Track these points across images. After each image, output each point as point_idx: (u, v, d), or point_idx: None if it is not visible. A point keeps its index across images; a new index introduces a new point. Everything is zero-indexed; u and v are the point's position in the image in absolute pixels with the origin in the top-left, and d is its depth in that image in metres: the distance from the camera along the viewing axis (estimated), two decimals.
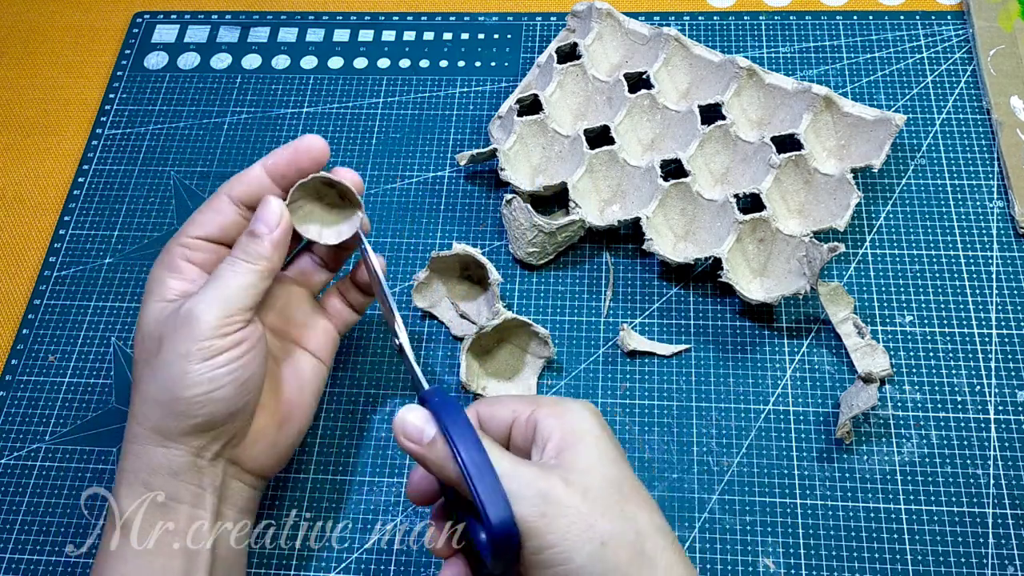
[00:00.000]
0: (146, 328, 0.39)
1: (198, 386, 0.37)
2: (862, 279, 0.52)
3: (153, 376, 0.38)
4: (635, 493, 0.34)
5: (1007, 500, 0.45)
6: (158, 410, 0.38)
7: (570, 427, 0.35)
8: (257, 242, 0.40)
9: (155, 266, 0.41)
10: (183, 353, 0.37)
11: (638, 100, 0.55)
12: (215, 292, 0.38)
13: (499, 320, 0.48)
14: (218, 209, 0.41)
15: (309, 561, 0.46)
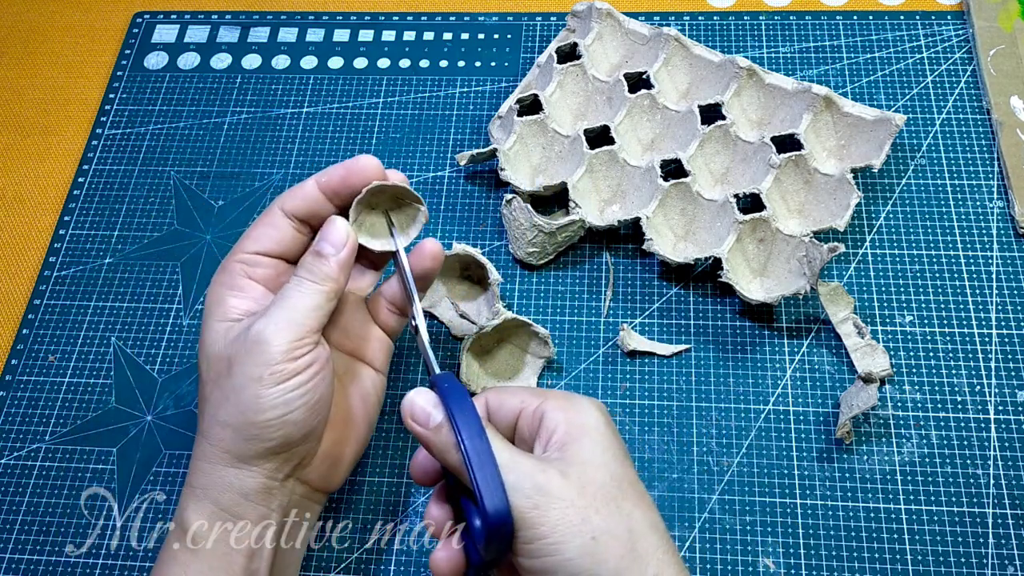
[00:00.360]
0: (212, 348, 0.39)
1: (272, 410, 0.37)
2: (862, 279, 0.52)
3: (225, 399, 0.37)
4: (633, 491, 0.35)
5: (1007, 500, 0.45)
6: (231, 433, 0.37)
7: (576, 422, 0.35)
8: (324, 262, 0.39)
9: (213, 284, 0.40)
10: (255, 377, 0.37)
11: (638, 100, 0.55)
12: (284, 314, 0.38)
13: (499, 320, 0.48)
14: (273, 224, 0.41)
15: (309, 561, 0.46)
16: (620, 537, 0.33)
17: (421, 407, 0.36)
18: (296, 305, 0.38)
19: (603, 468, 0.34)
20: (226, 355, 0.38)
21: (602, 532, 0.33)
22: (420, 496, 0.47)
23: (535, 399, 0.37)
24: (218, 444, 0.38)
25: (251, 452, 0.38)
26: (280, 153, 0.60)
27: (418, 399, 0.36)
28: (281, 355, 0.37)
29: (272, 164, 0.59)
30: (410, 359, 0.52)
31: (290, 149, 0.60)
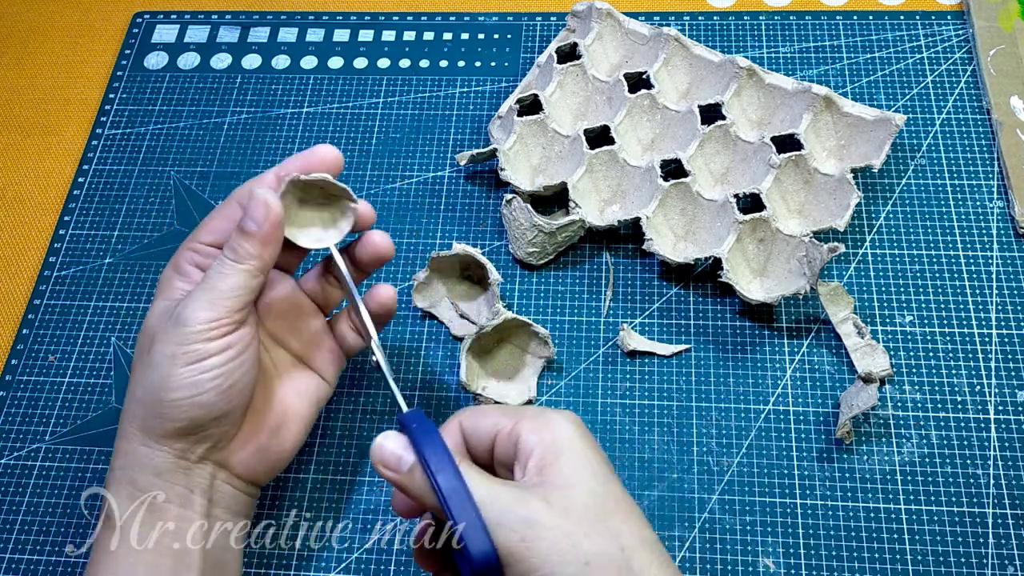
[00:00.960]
0: (145, 326, 0.39)
1: (180, 390, 0.37)
2: (862, 279, 0.52)
3: (143, 375, 0.38)
4: (620, 506, 0.34)
5: (1007, 500, 0.45)
6: (142, 410, 0.38)
7: (551, 441, 0.34)
8: (247, 239, 0.38)
9: (167, 267, 0.41)
10: (169, 355, 0.37)
11: (638, 100, 0.55)
12: (203, 294, 0.38)
13: (499, 320, 0.48)
14: (229, 216, 0.40)
15: (309, 561, 0.46)
16: (613, 558, 0.32)
17: (391, 451, 0.35)
18: (216, 285, 0.38)
19: (585, 487, 0.33)
20: (151, 332, 0.38)
21: (594, 556, 0.32)
22: None
23: (508, 420, 0.35)
24: (132, 422, 0.38)
25: (160, 430, 0.38)
26: (280, 153, 0.60)
27: (387, 443, 0.35)
28: (195, 335, 0.37)
29: (272, 164, 0.59)
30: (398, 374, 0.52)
31: (290, 149, 0.60)
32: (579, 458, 0.34)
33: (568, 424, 0.35)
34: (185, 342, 0.37)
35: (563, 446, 0.34)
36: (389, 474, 0.35)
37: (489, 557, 0.32)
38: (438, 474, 0.33)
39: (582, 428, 0.36)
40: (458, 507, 0.32)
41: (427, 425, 0.35)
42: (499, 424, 0.36)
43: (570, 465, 0.34)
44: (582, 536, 0.32)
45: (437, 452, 0.34)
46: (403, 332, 0.52)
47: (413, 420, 0.35)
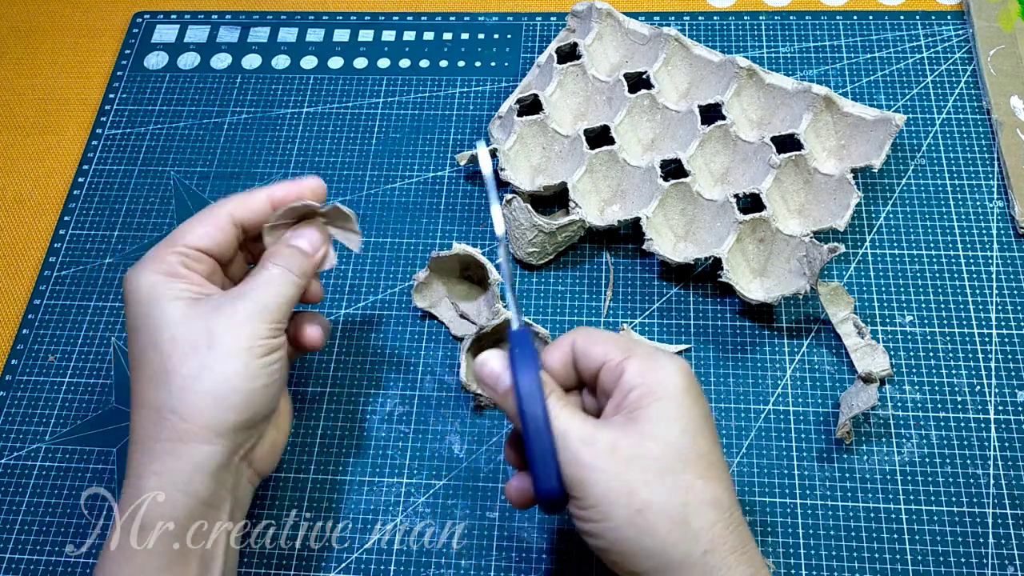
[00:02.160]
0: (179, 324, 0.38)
1: (258, 379, 0.38)
2: (862, 279, 0.52)
3: (205, 368, 0.37)
4: (699, 463, 0.34)
5: (1007, 500, 0.45)
6: (211, 402, 0.37)
7: (652, 386, 0.35)
8: (307, 259, 0.41)
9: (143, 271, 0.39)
10: (246, 347, 0.38)
11: (638, 100, 0.55)
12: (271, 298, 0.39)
13: (499, 320, 0.48)
14: (219, 226, 0.41)
15: (309, 561, 0.46)
16: (670, 512, 0.33)
17: (491, 370, 0.37)
18: (278, 290, 0.40)
19: (668, 438, 0.34)
20: (204, 327, 0.38)
21: (648, 506, 0.33)
22: (420, 496, 0.47)
23: (619, 353, 0.36)
24: (194, 418, 0.37)
25: (231, 423, 0.38)
26: (280, 153, 0.60)
27: (490, 362, 0.37)
28: (268, 330, 0.39)
29: (272, 164, 0.59)
30: (398, 374, 0.52)
31: (290, 149, 0.60)
32: (673, 408, 0.35)
33: (675, 372, 0.36)
34: (260, 335, 0.38)
35: (663, 393, 0.35)
36: (487, 391, 0.38)
37: (553, 493, 0.34)
38: (524, 403, 0.35)
39: (689, 379, 0.36)
40: (535, 443, 0.34)
41: (528, 350, 0.36)
42: (609, 354, 0.37)
43: (661, 413, 0.35)
44: (641, 484, 0.33)
45: (529, 381, 0.35)
46: (403, 332, 0.52)
47: (516, 343, 0.37)
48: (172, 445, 0.37)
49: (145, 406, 0.38)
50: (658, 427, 0.34)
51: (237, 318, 0.38)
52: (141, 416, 0.38)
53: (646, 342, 0.37)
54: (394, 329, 0.52)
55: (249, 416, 0.38)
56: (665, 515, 0.33)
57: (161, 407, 0.37)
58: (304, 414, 0.50)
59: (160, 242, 0.40)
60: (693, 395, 0.36)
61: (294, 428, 0.50)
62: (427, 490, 0.48)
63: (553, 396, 0.36)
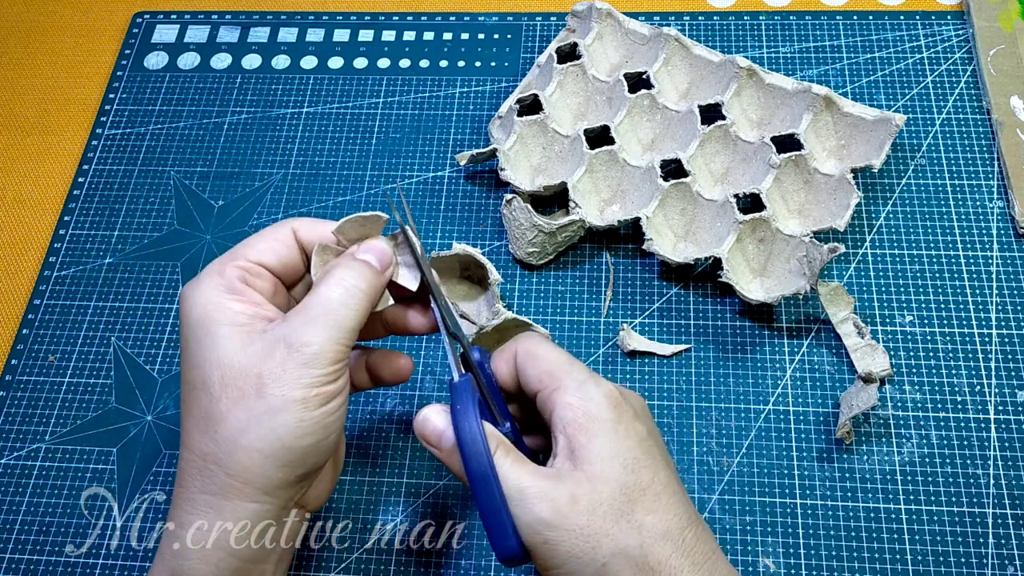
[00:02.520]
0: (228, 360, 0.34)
1: (312, 435, 0.34)
2: (862, 279, 0.52)
3: (254, 421, 0.33)
4: (644, 498, 0.34)
5: (1007, 500, 0.45)
6: (260, 460, 0.33)
7: (582, 421, 0.34)
8: (375, 275, 0.36)
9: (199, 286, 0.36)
10: (298, 399, 0.33)
11: (638, 100, 0.55)
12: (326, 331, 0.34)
13: (499, 320, 0.48)
14: (285, 242, 0.37)
15: (309, 561, 0.46)
16: (631, 557, 0.32)
17: (433, 427, 0.35)
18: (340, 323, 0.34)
19: (611, 479, 0.33)
20: (254, 371, 0.34)
21: (612, 556, 0.32)
22: (420, 496, 0.47)
23: (551, 382, 0.35)
24: (240, 475, 0.34)
25: (280, 480, 0.34)
26: (280, 153, 0.60)
27: (431, 417, 0.35)
28: (325, 377, 0.34)
29: (272, 164, 0.59)
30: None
31: (290, 149, 0.60)
32: (609, 444, 0.34)
33: (605, 403, 0.35)
34: (315, 384, 0.34)
35: (594, 428, 0.34)
36: (430, 449, 0.35)
37: (513, 553, 0.33)
38: (471, 463, 0.33)
39: (619, 407, 0.35)
40: (487, 505, 0.33)
41: (469, 404, 0.34)
42: (542, 382, 0.36)
43: (601, 451, 0.34)
44: (603, 535, 0.32)
45: (473, 438, 0.34)
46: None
47: (457, 397, 0.35)
48: (215, 500, 0.34)
49: (190, 449, 0.35)
50: (603, 467, 0.33)
51: (289, 362, 0.33)
52: (186, 460, 0.35)
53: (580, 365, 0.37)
54: None
55: (302, 473, 0.35)
56: (627, 561, 0.32)
57: (206, 456, 0.34)
58: None
59: (220, 256, 0.37)
60: (625, 422, 0.35)
61: None
62: (427, 490, 0.48)
63: (500, 451, 0.34)
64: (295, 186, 0.58)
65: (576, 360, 0.37)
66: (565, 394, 0.35)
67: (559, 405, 0.35)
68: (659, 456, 0.35)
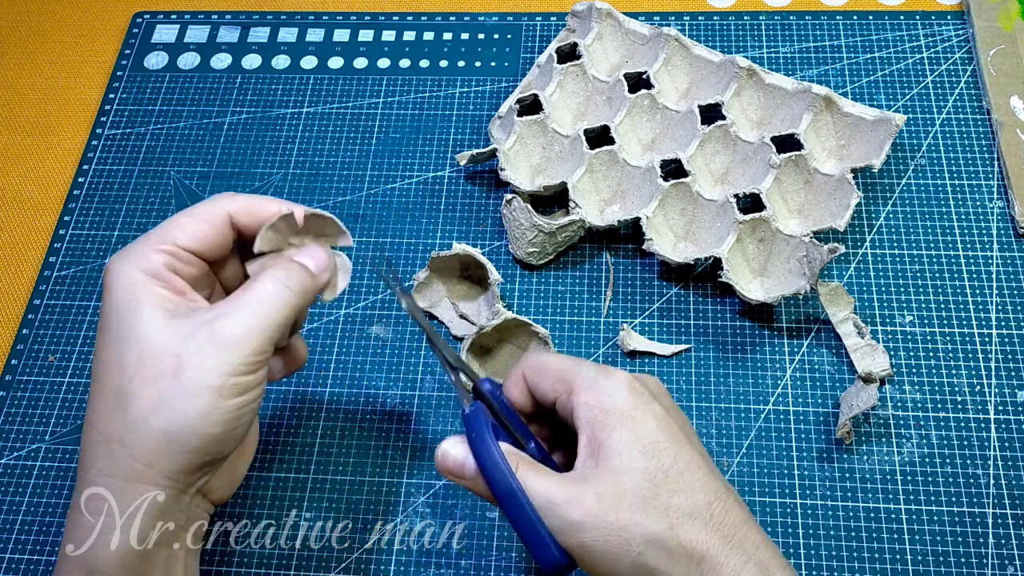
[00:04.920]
0: (149, 340, 0.33)
1: (224, 424, 0.34)
2: (862, 279, 0.52)
3: (166, 403, 0.33)
4: (667, 480, 0.34)
5: (1007, 500, 0.45)
6: (166, 442, 0.33)
7: (600, 416, 0.34)
8: (309, 278, 0.37)
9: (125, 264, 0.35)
10: (215, 386, 0.33)
11: (638, 100, 0.55)
12: (254, 320, 0.34)
13: (499, 320, 0.48)
14: (217, 226, 0.37)
15: (309, 561, 0.46)
16: (662, 541, 0.33)
17: (453, 459, 0.36)
18: (270, 314, 0.35)
19: (633, 469, 0.33)
20: (173, 351, 0.33)
21: (645, 545, 0.33)
22: (420, 496, 0.47)
23: (564, 387, 0.36)
24: (143, 456, 0.33)
25: (183, 466, 0.34)
26: (280, 153, 0.60)
27: (450, 451, 0.36)
28: (245, 366, 0.34)
29: (272, 164, 0.59)
30: (398, 374, 0.52)
31: (290, 149, 0.60)
32: (628, 433, 0.34)
33: (620, 392, 0.35)
34: (234, 372, 0.33)
35: (612, 420, 0.34)
36: (455, 480, 0.36)
37: (555, 560, 0.33)
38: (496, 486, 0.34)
39: (635, 393, 0.35)
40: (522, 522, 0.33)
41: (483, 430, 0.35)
42: (556, 389, 0.36)
43: (619, 442, 0.34)
44: (634, 525, 0.33)
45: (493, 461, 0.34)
46: (403, 332, 0.52)
47: (471, 426, 0.36)
48: (116, 483, 0.34)
49: (95, 428, 0.34)
50: (623, 459, 0.34)
51: (212, 346, 0.33)
52: (90, 440, 0.34)
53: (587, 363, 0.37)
54: (394, 329, 0.52)
55: (206, 460, 0.35)
56: (660, 547, 0.33)
57: (111, 436, 0.33)
58: (304, 414, 0.50)
59: (148, 233, 0.37)
60: (641, 407, 0.35)
61: (295, 428, 0.50)
62: (427, 490, 0.48)
63: (522, 466, 0.34)
64: (295, 186, 0.58)
65: (583, 360, 0.37)
66: (579, 394, 0.35)
67: (576, 406, 0.35)
68: (680, 434, 0.35)
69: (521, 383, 0.37)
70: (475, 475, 0.35)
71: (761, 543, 0.34)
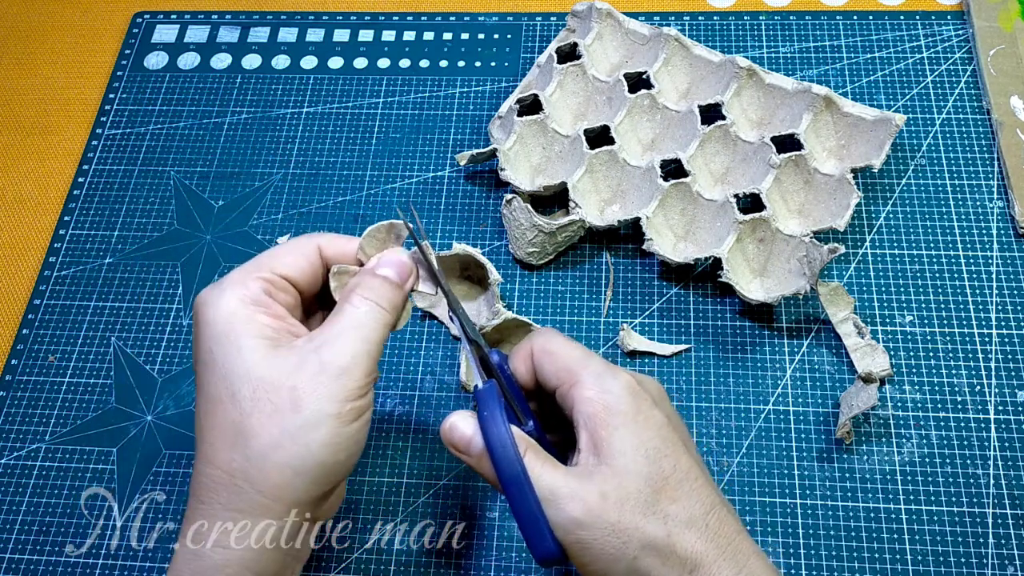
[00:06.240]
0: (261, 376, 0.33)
1: (345, 450, 0.34)
2: (862, 279, 0.52)
3: (292, 437, 0.33)
4: (667, 487, 0.34)
5: (1007, 500, 0.45)
6: (290, 476, 0.33)
7: (603, 414, 0.34)
8: (395, 290, 0.37)
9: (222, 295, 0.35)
10: (335, 413, 0.33)
11: (638, 100, 0.55)
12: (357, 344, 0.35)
13: (499, 320, 0.48)
14: (310, 257, 0.37)
15: (309, 561, 0.46)
16: (660, 548, 0.33)
17: (460, 434, 0.35)
18: (368, 336, 0.35)
19: (636, 472, 0.33)
20: (287, 384, 0.33)
21: (641, 549, 0.33)
22: (420, 496, 0.47)
23: (569, 377, 0.36)
24: (270, 491, 0.33)
25: (308, 496, 0.34)
26: (280, 153, 0.60)
27: (459, 425, 0.35)
28: (358, 390, 0.34)
29: (272, 164, 0.59)
30: (398, 374, 0.52)
31: (290, 149, 0.60)
32: (631, 435, 0.34)
33: (623, 394, 0.35)
34: (349, 398, 0.34)
35: (615, 421, 0.34)
36: (458, 455, 0.35)
37: (550, 552, 0.33)
38: (502, 466, 0.34)
39: (637, 396, 0.35)
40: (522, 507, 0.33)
41: (496, 408, 0.35)
42: (560, 378, 0.36)
43: (623, 443, 0.34)
44: (632, 530, 0.33)
45: (503, 443, 0.34)
46: (403, 332, 0.52)
47: (484, 404, 0.35)
48: (241, 517, 0.34)
49: (215, 465, 0.34)
50: (627, 460, 0.34)
51: (325, 375, 0.33)
52: (208, 476, 0.34)
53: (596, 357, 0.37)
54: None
55: (329, 487, 0.35)
56: (656, 553, 0.33)
57: (234, 472, 0.33)
58: None
59: (242, 265, 0.37)
60: (644, 412, 0.35)
61: None
62: (427, 490, 0.48)
63: (530, 453, 0.34)
64: (295, 186, 0.58)
65: (592, 353, 0.37)
66: (583, 389, 0.35)
67: (578, 400, 0.35)
68: (679, 442, 0.35)
69: (528, 360, 0.37)
70: (480, 454, 0.35)
71: (752, 553, 0.34)
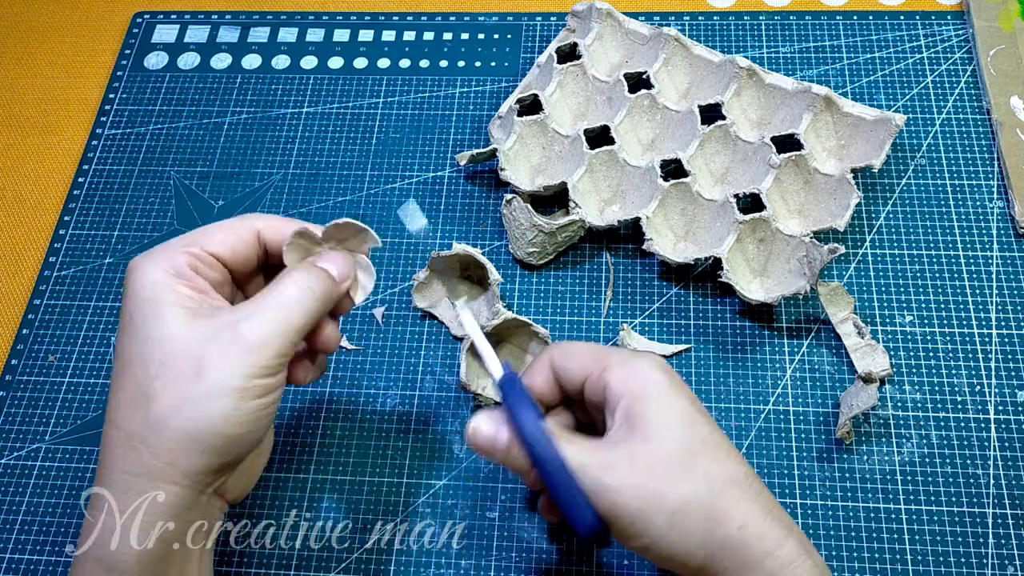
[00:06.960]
0: (172, 340, 0.34)
1: (244, 425, 0.34)
2: (862, 279, 0.52)
3: (189, 403, 0.33)
4: (707, 448, 0.35)
5: (1007, 500, 0.45)
6: (185, 442, 0.33)
7: (638, 389, 0.35)
8: (330, 284, 0.37)
9: (150, 264, 0.35)
10: (236, 387, 0.33)
11: (638, 100, 0.55)
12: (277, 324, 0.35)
13: (499, 320, 0.48)
14: (244, 238, 0.37)
15: (309, 561, 0.46)
16: (700, 502, 0.33)
17: (484, 435, 0.36)
18: (290, 318, 0.35)
19: (669, 436, 0.34)
20: (195, 352, 0.33)
21: (680, 504, 0.33)
22: (420, 496, 0.47)
23: (597, 366, 0.37)
24: (164, 456, 0.33)
25: (203, 467, 0.34)
26: (280, 153, 0.60)
27: (481, 427, 0.36)
28: (267, 368, 0.34)
29: (272, 164, 0.59)
30: (398, 373, 0.52)
31: (290, 149, 0.60)
32: (665, 404, 0.35)
33: (655, 369, 0.36)
34: (256, 375, 0.34)
35: (649, 393, 0.35)
36: (486, 455, 0.37)
37: (595, 528, 0.34)
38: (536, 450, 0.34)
39: (669, 373, 0.36)
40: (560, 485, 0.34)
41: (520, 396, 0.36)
42: (587, 368, 0.37)
43: (656, 413, 0.35)
44: (667, 486, 0.33)
45: (533, 427, 0.35)
46: (403, 332, 0.52)
47: (507, 392, 0.36)
48: (136, 480, 0.34)
49: (117, 426, 0.34)
50: (659, 427, 0.34)
51: (235, 347, 0.34)
52: (111, 437, 0.35)
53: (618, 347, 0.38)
54: (394, 329, 0.52)
55: (226, 461, 0.35)
56: (698, 507, 0.33)
57: (133, 434, 0.34)
58: (304, 414, 0.50)
59: (175, 238, 0.37)
60: (676, 386, 0.36)
61: (295, 428, 0.50)
62: (427, 490, 0.48)
63: (557, 429, 0.35)
64: (295, 186, 0.58)
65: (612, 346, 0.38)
66: (615, 369, 0.36)
67: (611, 380, 0.36)
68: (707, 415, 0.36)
69: (547, 370, 0.38)
70: (506, 448, 0.36)
71: (793, 524, 0.35)
